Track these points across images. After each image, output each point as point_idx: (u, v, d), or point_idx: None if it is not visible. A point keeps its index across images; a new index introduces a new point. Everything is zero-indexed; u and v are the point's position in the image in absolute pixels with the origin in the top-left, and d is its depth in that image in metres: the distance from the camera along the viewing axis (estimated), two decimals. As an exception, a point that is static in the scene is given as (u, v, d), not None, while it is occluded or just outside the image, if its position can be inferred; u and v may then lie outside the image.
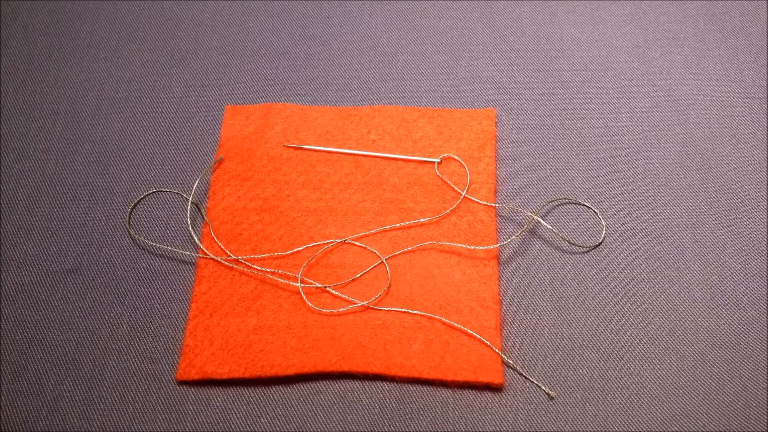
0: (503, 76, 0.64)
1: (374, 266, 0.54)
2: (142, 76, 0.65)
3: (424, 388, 0.49)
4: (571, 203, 0.57)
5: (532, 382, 0.49)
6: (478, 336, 0.50)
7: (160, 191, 0.58)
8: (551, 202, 0.57)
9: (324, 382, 0.49)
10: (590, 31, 0.67)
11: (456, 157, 0.58)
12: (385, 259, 0.54)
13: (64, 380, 0.49)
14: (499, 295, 0.52)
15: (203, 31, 0.68)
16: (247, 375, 0.49)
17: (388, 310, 0.52)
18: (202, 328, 0.51)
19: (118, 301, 0.53)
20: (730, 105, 0.62)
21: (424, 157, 0.59)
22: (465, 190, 0.57)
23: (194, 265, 0.54)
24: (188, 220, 0.56)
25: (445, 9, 0.69)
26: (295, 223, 0.56)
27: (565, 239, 0.55)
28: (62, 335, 0.51)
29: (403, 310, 0.51)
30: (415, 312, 0.51)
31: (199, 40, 0.67)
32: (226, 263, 0.54)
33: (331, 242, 0.55)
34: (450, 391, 0.49)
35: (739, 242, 0.55)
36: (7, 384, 0.49)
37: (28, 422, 0.48)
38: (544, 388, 0.49)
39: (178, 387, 0.49)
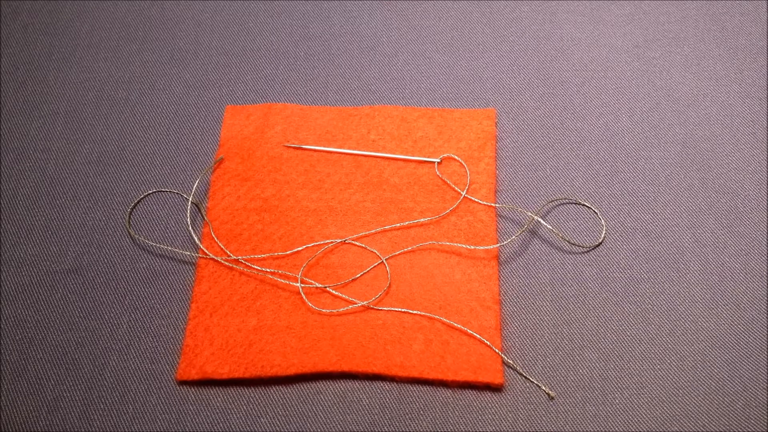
0: (503, 76, 0.64)
1: (374, 266, 0.54)
2: (142, 76, 0.65)
3: (424, 388, 0.49)
4: (571, 203, 0.57)
5: (532, 382, 0.49)
6: (478, 336, 0.50)
7: (160, 191, 0.58)
8: (551, 202, 0.57)
9: (324, 382, 0.49)
10: (590, 31, 0.67)
11: (456, 157, 0.58)
12: (385, 259, 0.54)
13: (64, 380, 0.49)
14: (499, 295, 0.52)
15: (203, 31, 0.68)
16: (247, 375, 0.49)
17: (388, 310, 0.52)
18: (202, 328, 0.51)
19: (118, 301, 0.53)
20: (730, 105, 0.62)
21: (424, 157, 0.59)
22: (465, 190, 0.57)
23: (194, 265, 0.54)
24: (188, 220, 0.56)
25: (445, 9, 0.69)
26: (295, 223, 0.56)
27: (565, 239, 0.55)
28: (62, 335, 0.51)
29: (403, 310, 0.51)
30: (415, 312, 0.51)
31: (199, 40, 0.67)
32: (226, 263, 0.54)
33: (331, 242, 0.55)
34: (450, 391, 0.49)
35: (739, 242, 0.55)
36: (7, 384, 0.49)
37: (28, 422, 0.48)
38: (544, 388, 0.49)
39: (178, 387, 0.49)
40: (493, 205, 0.56)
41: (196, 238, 0.55)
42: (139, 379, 0.50)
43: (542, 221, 0.55)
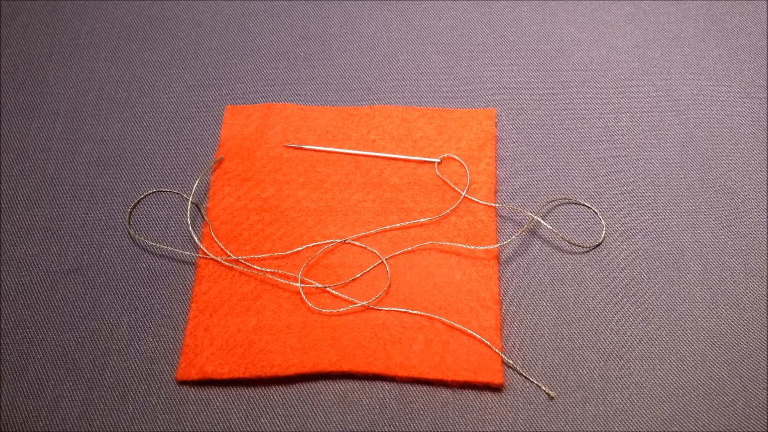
0: (503, 76, 0.64)
1: (374, 266, 0.54)
2: (142, 76, 0.65)
3: (424, 388, 0.49)
4: (571, 203, 0.57)
5: (532, 382, 0.49)
6: (478, 336, 0.50)
7: (160, 191, 0.58)
8: (551, 202, 0.57)
9: (324, 382, 0.49)
10: (590, 31, 0.67)
11: (456, 157, 0.58)
12: (385, 259, 0.54)
13: (64, 380, 0.49)
14: (499, 295, 0.52)
15: (203, 31, 0.68)
16: (247, 375, 0.49)
17: (388, 310, 0.52)
18: (202, 328, 0.51)
19: (118, 301, 0.53)
20: (730, 105, 0.62)
21: (424, 157, 0.59)
22: (465, 190, 0.57)
23: (194, 265, 0.54)
24: (188, 220, 0.56)
25: (445, 9, 0.69)
26: (295, 223, 0.56)
27: (565, 239, 0.55)
28: (62, 335, 0.51)
29: (403, 310, 0.51)
30: (415, 312, 0.51)
31: (199, 40, 0.67)
32: (226, 263, 0.54)
33: (331, 242, 0.55)
34: (450, 391, 0.49)
35: (739, 242, 0.55)
36: (7, 384, 0.49)
37: (28, 422, 0.48)
38: (544, 388, 0.49)
39: (178, 387, 0.49)
40: (493, 205, 0.56)
41: (196, 238, 0.55)
42: (139, 379, 0.50)
43: (542, 221, 0.55)
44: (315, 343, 0.50)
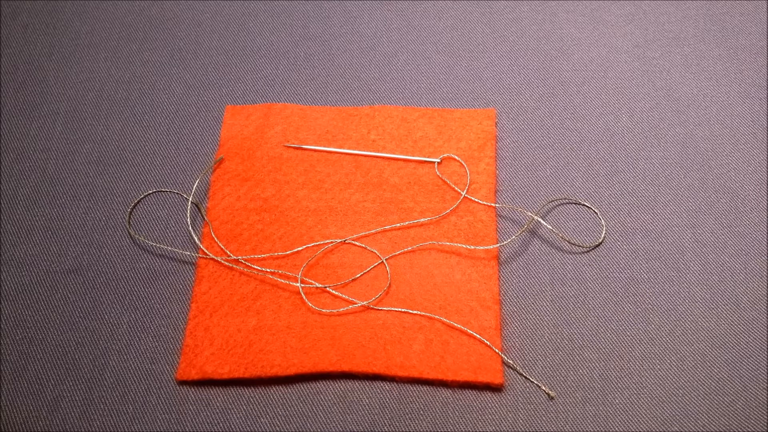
0: (503, 76, 0.64)
1: (374, 266, 0.54)
2: (142, 76, 0.65)
3: (424, 388, 0.49)
4: (571, 203, 0.57)
5: (532, 382, 0.49)
6: (478, 336, 0.50)
7: (160, 191, 0.58)
8: (551, 202, 0.57)
9: (324, 382, 0.49)
10: (590, 31, 0.67)
11: (456, 157, 0.58)
12: (385, 259, 0.54)
13: (64, 380, 0.49)
14: (499, 295, 0.52)
15: (203, 31, 0.68)
16: (247, 375, 0.49)
17: (388, 310, 0.52)
18: (202, 328, 0.51)
19: (118, 301, 0.53)
20: (730, 105, 0.62)
21: (424, 157, 0.59)
22: (465, 190, 0.57)
23: (194, 265, 0.54)
24: (188, 220, 0.56)
25: (445, 9, 0.69)
26: (295, 223, 0.56)
27: (565, 239, 0.55)
28: (62, 335, 0.51)
29: (403, 310, 0.51)
30: (415, 312, 0.51)
31: (199, 40, 0.67)
32: (226, 263, 0.54)
33: (331, 242, 0.55)
34: (450, 391, 0.49)
35: (739, 242, 0.55)
36: (7, 384, 0.49)
37: (28, 422, 0.48)
38: (544, 388, 0.49)
39: (178, 387, 0.49)
40: (493, 205, 0.56)
41: (196, 238, 0.55)
42: (139, 379, 0.50)
43: (542, 221, 0.55)
44: (315, 343, 0.50)
